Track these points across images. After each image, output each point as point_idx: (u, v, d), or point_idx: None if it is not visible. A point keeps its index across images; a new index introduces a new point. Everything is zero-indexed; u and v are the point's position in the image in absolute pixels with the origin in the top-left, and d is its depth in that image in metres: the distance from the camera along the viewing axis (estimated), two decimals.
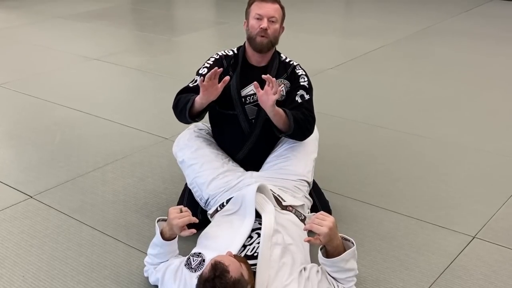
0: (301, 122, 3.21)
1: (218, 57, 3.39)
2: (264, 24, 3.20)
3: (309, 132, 3.31)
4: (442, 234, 3.36)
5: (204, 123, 3.58)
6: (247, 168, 3.39)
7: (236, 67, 3.34)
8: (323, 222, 2.58)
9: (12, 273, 3.09)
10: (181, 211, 2.74)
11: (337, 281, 2.65)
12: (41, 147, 4.57)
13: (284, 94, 3.33)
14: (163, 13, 9.49)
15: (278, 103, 3.24)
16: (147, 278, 2.92)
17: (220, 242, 2.76)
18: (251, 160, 3.43)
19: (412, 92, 5.57)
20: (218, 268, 2.32)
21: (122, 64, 6.64)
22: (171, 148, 3.55)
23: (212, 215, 3.10)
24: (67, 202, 3.77)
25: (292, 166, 3.28)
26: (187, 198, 3.41)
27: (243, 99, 3.32)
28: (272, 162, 3.37)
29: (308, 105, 3.32)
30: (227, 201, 3.04)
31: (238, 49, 3.41)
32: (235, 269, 2.36)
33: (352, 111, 5.13)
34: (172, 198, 3.72)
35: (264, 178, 3.20)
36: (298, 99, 3.30)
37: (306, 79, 3.39)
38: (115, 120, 5.05)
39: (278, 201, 2.99)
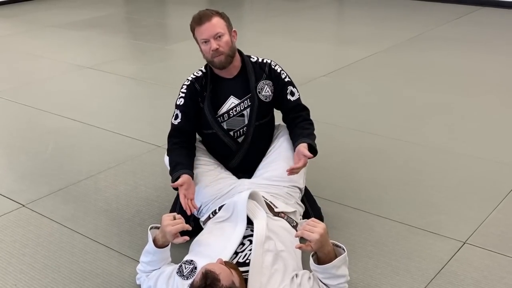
0: (312, 133, 3.36)
1: (189, 82, 3.36)
2: (213, 45, 3.15)
3: (313, 129, 3.43)
4: (433, 239, 3.37)
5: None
6: (239, 176, 3.40)
7: (207, 88, 3.34)
8: (314, 228, 2.59)
9: (4, 282, 3.10)
10: (174, 218, 2.75)
11: None
12: (34, 156, 4.58)
13: (271, 93, 3.38)
14: (156, 21, 9.51)
15: (265, 104, 3.37)
16: (140, 286, 2.93)
17: (212, 249, 2.77)
18: (244, 168, 3.44)
19: (404, 99, 5.59)
20: (209, 277, 2.33)
21: (115, 73, 6.65)
22: (164, 156, 3.56)
23: (205, 222, 3.11)
24: (60, 211, 3.78)
25: (284, 173, 3.29)
26: (180, 206, 3.40)
27: (225, 116, 3.34)
28: (264, 169, 3.38)
29: (300, 101, 3.46)
30: (219, 208, 3.05)
31: (206, 66, 3.38)
32: (226, 277, 2.36)
33: (344, 118, 5.15)
34: (164, 206, 3.73)
35: (256, 185, 3.21)
36: (290, 97, 3.40)
37: (285, 73, 3.45)
38: (108, 128, 5.06)
39: (270, 207, 3.00)
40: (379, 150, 4.53)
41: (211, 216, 3.07)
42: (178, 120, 3.34)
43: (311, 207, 3.43)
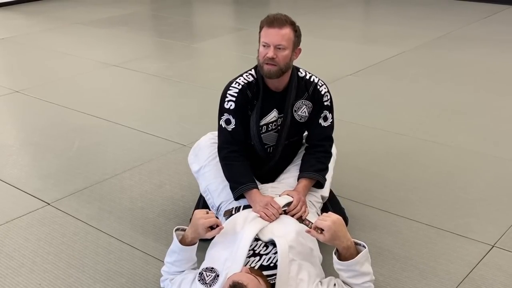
0: (325, 169, 3.27)
1: (241, 87, 3.15)
2: (270, 53, 2.98)
3: (328, 164, 3.33)
4: (461, 242, 3.33)
5: None
6: (263, 180, 3.36)
7: (259, 96, 3.18)
8: (327, 218, 2.62)
9: (28, 281, 3.10)
10: (207, 213, 2.76)
11: None
12: (59, 154, 4.59)
13: (307, 115, 3.25)
14: (182, 19, 9.51)
15: (299, 124, 3.26)
16: None
17: (224, 254, 2.75)
18: (268, 177, 3.40)
19: (432, 99, 5.53)
20: None
21: (141, 71, 6.65)
22: (187, 155, 3.54)
23: (225, 215, 3.08)
24: (85, 209, 3.78)
25: None
26: (202, 206, 3.40)
27: (263, 127, 3.24)
28: (289, 173, 3.37)
29: (330, 129, 3.30)
30: (237, 209, 3.06)
31: (255, 69, 3.21)
32: (254, 287, 2.35)
33: (371, 118, 5.11)
34: (189, 205, 3.71)
35: (277, 189, 3.20)
36: (321, 122, 3.26)
37: (329, 96, 3.27)
38: (134, 126, 5.06)
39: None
40: (406, 150, 4.48)
41: (233, 212, 3.06)
42: (233, 125, 3.16)
43: (334, 209, 3.32)
